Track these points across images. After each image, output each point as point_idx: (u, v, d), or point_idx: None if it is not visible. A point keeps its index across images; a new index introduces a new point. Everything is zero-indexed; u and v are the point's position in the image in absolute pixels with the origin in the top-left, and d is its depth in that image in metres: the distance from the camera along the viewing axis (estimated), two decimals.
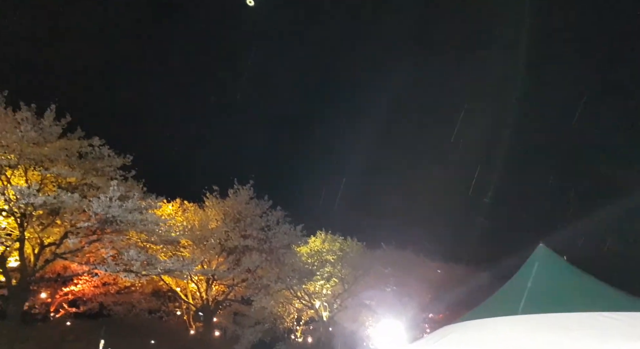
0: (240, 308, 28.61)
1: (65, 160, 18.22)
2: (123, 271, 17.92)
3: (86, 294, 24.52)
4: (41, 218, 17.89)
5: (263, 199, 27.07)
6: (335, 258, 29.73)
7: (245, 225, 25.99)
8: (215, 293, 26.41)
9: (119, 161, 19.73)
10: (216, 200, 26.74)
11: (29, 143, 17.03)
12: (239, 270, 24.83)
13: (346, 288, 29.86)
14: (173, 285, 25.69)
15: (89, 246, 18.67)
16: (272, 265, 26.15)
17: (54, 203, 16.32)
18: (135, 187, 20.48)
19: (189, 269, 20.12)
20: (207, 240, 24.86)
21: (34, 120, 17.38)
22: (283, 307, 30.05)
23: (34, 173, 17.90)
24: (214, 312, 26.79)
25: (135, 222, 17.82)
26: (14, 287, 17.60)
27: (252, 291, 26.34)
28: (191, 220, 25.73)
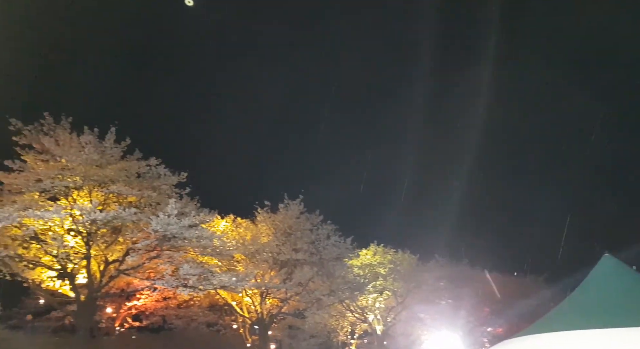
0: (295, 321, 28.80)
1: (125, 180, 19.21)
2: (181, 286, 18.58)
3: (148, 308, 25.57)
4: (105, 236, 18.92)
5: (313, 213, 27.36)
6: (386, 270, 29.39)
7: (296, 239, 26.28)
8: (269, 306, 26.74)
9: (174, 179, 20.54)
10: (267, 215, 27.21)
11: (92, 165, 18.17)
12: (291, 284, 25.08)
13: (399, 302, 29.40)
14: (229, 298, 26.26)
15: (149, 263, 19.50)
16: (324, 278, 26.24)
17: (115, 221, 17.26)
18: (190, 204, 21.23)
19: (244, 283, 20.55)
20: (260, 254, 25.31)
21: (96, 143, 18.53)
22: (336, 320, 29.92)
23: (98, 194, 18.97)
24: (268, 325, 27.10)
25: (191, 238, 18.47)
26: (82, 302, 18.66)
27: (305, 305, 26.50)
28: (244, 235, 26.30)
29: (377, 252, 30.35)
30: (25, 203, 16.78)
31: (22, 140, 18.14)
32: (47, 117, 18.24)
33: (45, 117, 18.22)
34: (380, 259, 29.96)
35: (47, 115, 18.28)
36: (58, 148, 18.10)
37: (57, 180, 17.68)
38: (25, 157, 18.32)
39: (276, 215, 27.09)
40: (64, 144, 18.16)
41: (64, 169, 17.97)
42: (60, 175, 17.79)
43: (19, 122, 17.89)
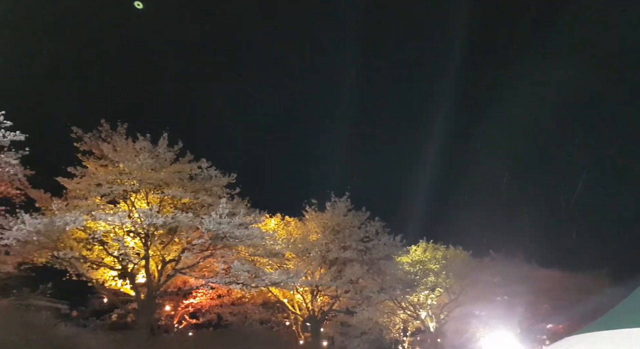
0: (346, 318, 28.87)
1: (179, 183, 19.92)
2: (233, 283, 19.08)
3: (204, 306, 26.46)
4: (162, 237, 19.71)
5: (361, 210, 27.35)
6: (438, 267, 28.85)
7: (345, 237, 26.37)
8: (320, 303, 26.96)
9: (224, 180, 21.10)
10: (315, 213, 27.46)
11: (148, 169, 18.96)
12: (341, 281, 25.18)
13: (452, 299, 28.79)
14: (280, 296, 26.69)
15: (204, 261, 20.14)
16: (374, 276, 26.17)
17: (172, 223, 17.96)
18: (241, 204, 21.72)
19: (294, 281, 20.84)
20: (309, 252, 25.57)
21: (151, 148, 19.32)
22: (388, 318, 29.71)
23: (154, 197, 19.78)
24: (320, 322, 27.34)
25: (242, 237, 18.92)
26: (142, 301, 19.54)
27: (355, 302, 26.52)
28: (293, 234, 26.65)
29: (428, 249, 29.86)
30: (88, 207, 17.74)
31: (83, 147, 19.20)
32: (104, 123, 19.21)
33: (102, 124, 19.21)
34: (430, 255, 29.45)
35: (104, 121, 19.26)
36: (116, 154, 19.04)
37: (115, 184, 18.60)
38: (86, 163, 19.40)
39: (324, 213, 27.29)
40: (120, 150, 19.08)
41: (122, 174, 18.90)
42: (118, 180, 18.71)
43: (80, 129, 18.94)
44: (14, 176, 17.14)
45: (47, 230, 16.00)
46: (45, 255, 18.13)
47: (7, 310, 19.40)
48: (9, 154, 16.46)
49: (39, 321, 19.26)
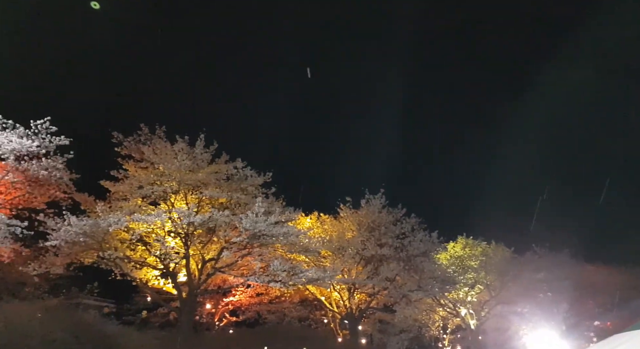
0: (384, 316, 28.68)
1: (216, 183, 20.30)
2: (272, 281, 19.29)
3: (243, 304, 26.89)
4: (201, 236, 20.14)
5: (396, 207, 27.12)
6: (478, 263, 28.24)
7: (380, 234, 26.19)
8: (357, 301, 26.88)
9: (259, 179, 21.35)
10: (350, 211, 27.39)
11: (186, 170, 19.41)
12: (378, 279, 25.02)
13: (493, 295, 28.13)
14: (318, 294, 26.78)
15: (242, 260, 20.47)
16: (411, 273, 25.87)
17: (209, 222, 18.33)
18: (276, 203, 21.91)
19: (330, 278, 20.87)
20: (345, 249, 25.52)
21: (188, 150, 19.77)
22: (427, 315, 29.32)
23: (192, 197, 20.24)
24: (358, 320, 27.26)
25: (278, 235, 19.12)
26: (184, 299, 20.03)
27: (393, 300, 26.30)
28: (328, 231, 26.67)
29: (467, 245, 29.28)
30: (130, 209, 18.32)
31: (124, 151, 19.85)
32: (143, 127, 19.80)
33: (141, 128, 19.79)
34: (469, 252, 28.87)
35: (143, 125, 19.85)
36: (155, 156, 19.60)
37: (156, 185, 19.13)
38: (127, 166, 20.05)
39: (359, 211, 27.19)
40: (160, 152, 19.62)
41: (162, 175, 19.43)
42: (158, 181, 19.24)
43: (120, 134, 19.60)
44: (61, 180, 17.93)
45: (92, 231, 16.64)
46: (91, 256, 18.87)
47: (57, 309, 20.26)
48: (55, 158, 17.24)
49: (87, 319, 20.03)
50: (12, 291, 20.21)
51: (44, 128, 16.41)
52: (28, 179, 17.25)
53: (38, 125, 16.35)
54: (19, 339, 15.75)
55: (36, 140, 16.13)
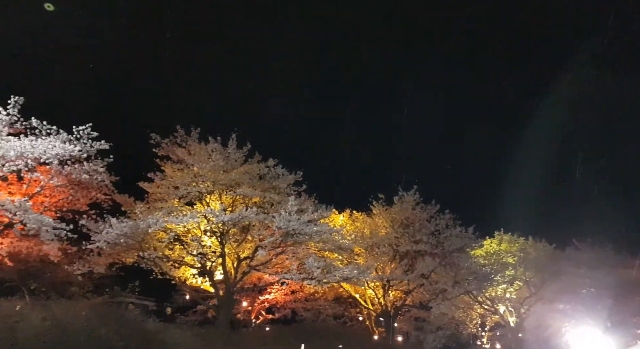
0: (420, 313, 28.42)
1: (249, 182, 20.62)
2: (306, 279, 19.44)
3: (279, 301, 27.20)
4: (236, 235, 20.51)
5: (430, 203, 26.85)
6: (516, 259, 27.57)
7: (414, 231, 25.99)
8: (392, 298, 26.74)
9: (291, 178, 21.56)
10: (383, 208, 27.28)
11: (220, 170, 19.81)
12: (413, 276, 24.83)
13: (533, 292, 27.41)
14: (352, 291, 26.80)
15: (276, 258, 20.73)
16: (447, 270, 25.57)
17: (241, 220, 18.64)
18: (308, 201, 22.07)
19: (364, 276, 20.86)
20: (379, 246, 25.45)
21: (221, 150, 20.15)
22: (464, 312, 28.85)
23: (226, 197, 20.63)
24: (393, 317, 27.13)
25: (311, 233, 19.25)
26: (221, 297, 20.45)
27: (429, 297, 26.05)
28: (361, 229, 26.64)
29: (504, 240, 28.62)
30: (167, 209, 18.84)
31: (161, 152, 20.42)
32: (179, 129, 20.30)
33: (177, 130, 20.30)
34: (507, 247, 28.22)
35: (179, 127, 20.36)
36: (190, 157, 20.08)
37: (191, 186, 19.59)
38: (164, 167, 20.61)
39: (392, 208, 27.05)
40: (194, 153, 20.08)
41: (196, 176, 19.90)
42: (194, 182, 19.69)
43: (158, 136, 20.16)
44: (102, 183, 18.61)
45: (132, 232, 17.22)
46: (132, 256, 19.53)
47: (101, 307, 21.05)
48: (96, 162, 17.91)
49: (129, 317, 20.71)
50: (59, 290, 21.12)
51: (85, 134, 17.07)
52: (71, 182, 17.96)
53: (80, 131, 17.03)
54: (67, 337, 16.45)
55: (78, 145, 16.79)
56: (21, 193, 17.15)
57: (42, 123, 16.67)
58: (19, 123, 16.52)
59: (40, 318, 16.90)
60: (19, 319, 16.50)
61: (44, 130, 16.67)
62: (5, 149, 14.98)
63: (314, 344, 20.94)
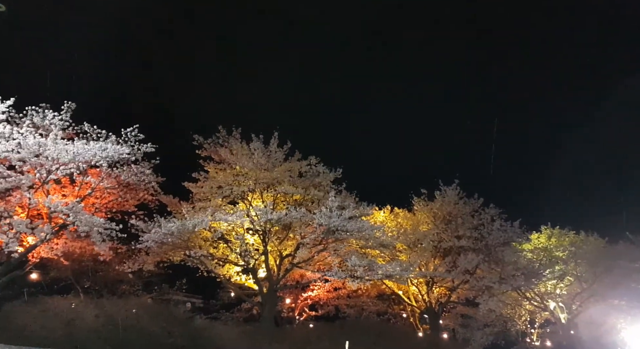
0: (466, 310, 27.82)
1: (290, 180, 20.73)
2: (349, 276, 19.40)
3: (322, 298, 27.28)
4: (278, 233, 20.69)
5: (472, 197, 26.20)
6: (566, 254, 26.49)
7: (457, 226, 25.45)
8: (437, 295, 26.33)
9: (331, 175, 21.52)
10: (424, 203, 26.84)
11: (261, 169, 20.02)
12: (457, 272, 24.35)
13: (585, 288, 26.29)
14: (395, 288, 26.53)
15: (318, 256, 20.76)
16: (492, 265, 24.90)
17: (286, 219, 18.80)
18: (349, 198, 21.96)
19: (407, 273, 20.62)
20: (421, 243, 25.08)
21: (262, 149, 20.36)
22: (512, 309, 28.02)
23: (267, 195, 20.82)
24: (439, 314, 26.71)
25: (353, 230, 19.19)
26: (265, 294, 20.71)
27: (475, 293, 25.48)
28: (403, 225, 26.29)
29: (553, 235, 27.56)
30: (211, 209, 19.22)
31: (204, 153, 20.83)
32: (221, 129, 20.64)
33: (219, 130, 20.65)
34: (556, 242, 27.16)
35: (221, 127, 20.69)
36: (232, 157, 20.38)
37: (234, 185, 19.90)
38: (207, 168, 21.03)
39: (433, 203, 26.58)
40: (236, 153, 20.37)
41: (238, 175, 20.19)
42: (236, 181, 19.99)
43: (200, 137, 20.58)
44: (149, 185, 19.21)
45: (178, 231, 17.68)
46: (179, 254, 20.08)
47: (150, 305, 21.81)
48: (143, 164, 18.51)
49: (177, 313, 21.34)
50: (111, 288, 22.01)
51: (132, 136, 17.65)
52: (120, 184, 18.65)
53: (128, 133, 17.62)
54: (119, 333, 17.13)
55: (126, 147, 17.38)
56: (73, 195, 17.93)
57: (92, 127, 17.36)
58: (71, 127, 17.27)
59: (94, 315, 17.66)
60: (75, 316, 17.30)
61: (94, 134, 17.36)
62: (59, 153, 15.65)
63: (358, 340, 20.88)
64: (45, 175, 16.20)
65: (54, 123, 16.63)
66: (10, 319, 15.95)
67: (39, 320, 16.45)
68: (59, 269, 20.23)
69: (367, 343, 21.30)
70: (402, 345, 23.33)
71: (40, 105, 16.64)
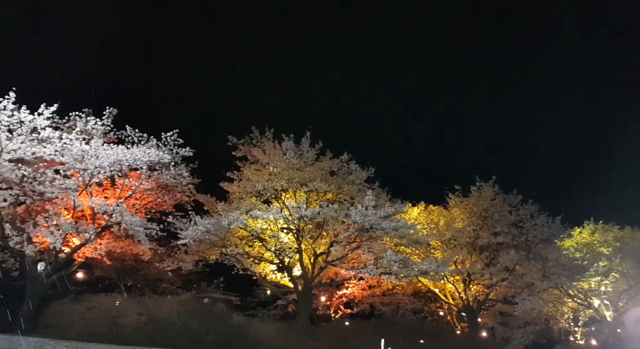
0: (505, 308, 27.16)
1: (322, 179, 20.83)
2: (384, 273, 19.34)
3: (357, 296, 27.24)
4: (311, 231, 20.86)
5: (511, 193, 25.59)
6: (611, 250, 25.45)
7: (494, 222, 24.95)
8: (474, 293, 25.88)
9: (364, 174, 21.48)
10: (459, 200, 26.42)
11: (294, 168, 20.21)
12: (495, 269, 23.88)
13: (632, 284, 25.18)
14: (431, 285, 26.23)
15: (352, 253, 20.80)
16: (533, 262, 24.24)
17: (319, 216, 18.91)
18: (382, 196, 21.86)
19: (442, 270, 20.39)
20: (456, 240, 24.71)
21: (295, 148, 20.53)
22: (554, 307, 27.14)
23: (300, 194, 20.99)
24: (477, 312, 26.25)
25: (388, 228, 19.10)
26: (300, 292, 20.91)
27: (514, 291, 24.91)
28: (437, 222, 25.96)
29: (597, 230, 26.56)
30: (246, 208, 19.56)
31: (238, 153, 21.21)
32: (254, 130, 20.96)
33: (253, 131, 20.97)
34: (600, 237, 26.14)
35: (255, 128, 21.01)
36: (266, 157, 20.69)
37: (267, 184, 20.18)
38: (242, 167, 21.42)
39: (469, 199, 26.13)
40: (269, 153, 20.66)
41: (272, 174, 20.45)
42: (269, 180, 20.26)
43: (234, 138, 20.97)
44: (186, 187, 19.76)
45: (215, 229, 18.10)
46: (215, 253, 20.55)
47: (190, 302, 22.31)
48: (181, 167, 19.06)
49: (216, 311, 21.74)
50: (152, 287, 22.70)
51: (172, 140, 18.20)
52: (159, 186, 19.24)
53: (167, 137, 18.17)
54: (161, 331, 17.61)
55: (166, 151, 17.94)
56: (115, 197, 18.61)
57: (134, 131, 17.98)
58: (113, 132, 17.94)
59: (137, 313, 18.20)
60: (118, 313, 17.90)
61: (135, 138, 17.96)
62: (102, 157, 16.28)
63: (394, 339, 20.70)
64: (88, 178, 16.87)
65: (96, 129, 17.31)
66: (59, 316, 16.66)
67: (85, 317, 17.10)
68: (103, 268, 21.03)
69: (404, 341, 21.09)
70: (439, 343, 22.96)
71: (83, 110, 17.36)
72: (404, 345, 20.96)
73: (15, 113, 15.33)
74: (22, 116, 15.46)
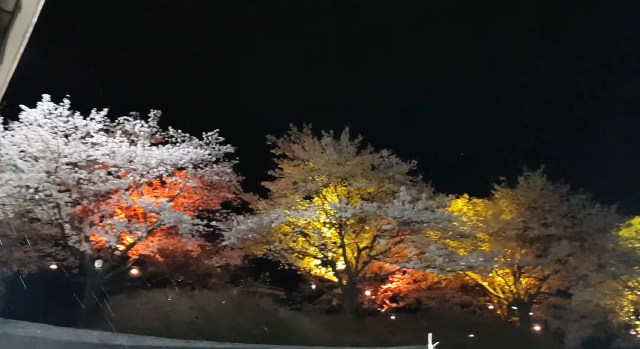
0: (559, 301, 26.09)
1: (363, 174, 20.82)
2: (428, 267, 19.14)
3: (402, 290, 27.00)
4: (353, 226, 20.91)
5: (559, 182, 24.58)
6: None
7: (544, 213, 24.06)
8: (525, 285, 25.10)
9: (405, 167, 21.28)
10: (505, 191, 25.64)
11: (334, 164, 20.30)
12: (547, 261, 23.08)
13: None
14: (479, 279, 25.61)
15: (395, 247, 20.70)
16: (587, 253, 23.21)
17: (360, 213, 18.96)
18: (425, 189, 21.56)
19: (490, 263, 19.95)
20: (504, 232, 24.02)
21: (334, 144, 20.62)
22: (612, 299, 25.84)
23: (341, 189, 21.06)
24: (528, 306, 25.46)
25: (428, 221, 18.90)
26: (345, 286, 21.05)
27: (568, 283, 23.95)
28: (483, 214, 25.32)
29: None
30: (288, 204, 19.88)
31: (277, 151, 21.54)
32: (292, 126, 21.20)
33: (290, 128, 21.22)
34: None
35: (292, 125, 21.24)
36: (305, 153, 20.91)
37: (308, 181, 20.40)
38: (281, 165, 21.73)
39: (516, 190, 25.30)
40: (309, 149, 20.86)
41: (312, 171, 20.66)
42: (310, 177, 20.48)
43: (273, 136, 21.30)
44: (230, 183, 20.30)
45: (258, 227, 18.53)
46: (261, 249, 21.02)
47: (238, 297, 22.96)
48: (224, 165, 19.60)
49: (263, 305, 22.26)
50: (201, 282, 23.50)
51: (213, 139, 18.79)
52: (204, 184, 19.91)
53: (209, 136, 18.78)
54: (211, 325, 18.26)
55: (208, 149, 18.56)
56: (164, 195, 19.43)
57: (177, 132, 18.71)
58: (158, 133, 18.73)
59: (188, 307, 18.96)
60: (170, 308, 18.70)
61: (179, 138, 18.69)
62: (149, 157, 17.07)
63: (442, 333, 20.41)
64: (138, 178, 17.71)
65: (142, 131, 18.14)
66: (116, 311, 17.59)
67: (140, 312, 18.01)
68: (156, 265, 21.97)
69: (452, 335, 20.76)
70: (489, 338, 22.45)
71: (130, 113, 18.23)
72: (453, 340, 20.63)
73: (70, 119, 16.34)
74: (77, 121, 16.46)
